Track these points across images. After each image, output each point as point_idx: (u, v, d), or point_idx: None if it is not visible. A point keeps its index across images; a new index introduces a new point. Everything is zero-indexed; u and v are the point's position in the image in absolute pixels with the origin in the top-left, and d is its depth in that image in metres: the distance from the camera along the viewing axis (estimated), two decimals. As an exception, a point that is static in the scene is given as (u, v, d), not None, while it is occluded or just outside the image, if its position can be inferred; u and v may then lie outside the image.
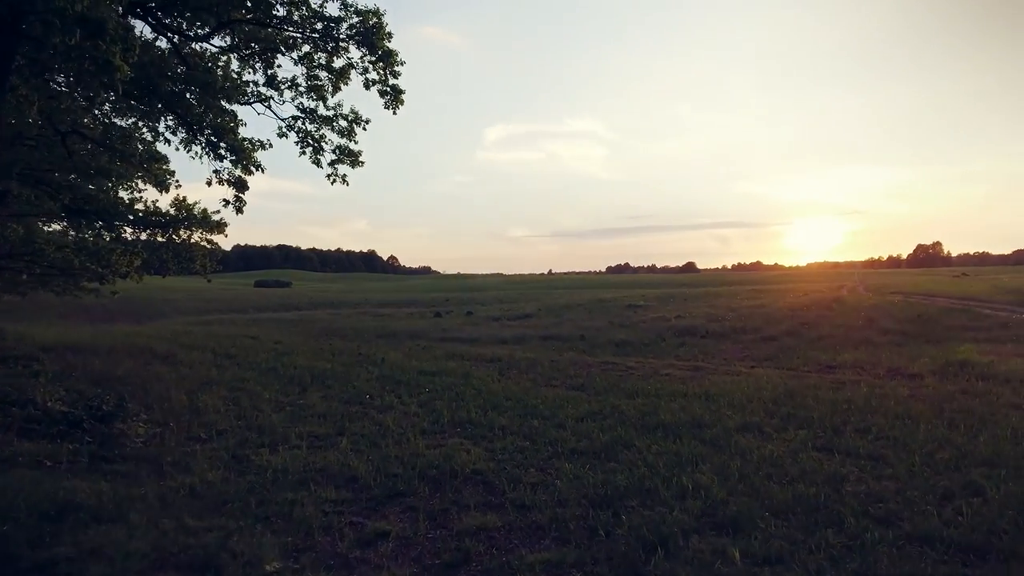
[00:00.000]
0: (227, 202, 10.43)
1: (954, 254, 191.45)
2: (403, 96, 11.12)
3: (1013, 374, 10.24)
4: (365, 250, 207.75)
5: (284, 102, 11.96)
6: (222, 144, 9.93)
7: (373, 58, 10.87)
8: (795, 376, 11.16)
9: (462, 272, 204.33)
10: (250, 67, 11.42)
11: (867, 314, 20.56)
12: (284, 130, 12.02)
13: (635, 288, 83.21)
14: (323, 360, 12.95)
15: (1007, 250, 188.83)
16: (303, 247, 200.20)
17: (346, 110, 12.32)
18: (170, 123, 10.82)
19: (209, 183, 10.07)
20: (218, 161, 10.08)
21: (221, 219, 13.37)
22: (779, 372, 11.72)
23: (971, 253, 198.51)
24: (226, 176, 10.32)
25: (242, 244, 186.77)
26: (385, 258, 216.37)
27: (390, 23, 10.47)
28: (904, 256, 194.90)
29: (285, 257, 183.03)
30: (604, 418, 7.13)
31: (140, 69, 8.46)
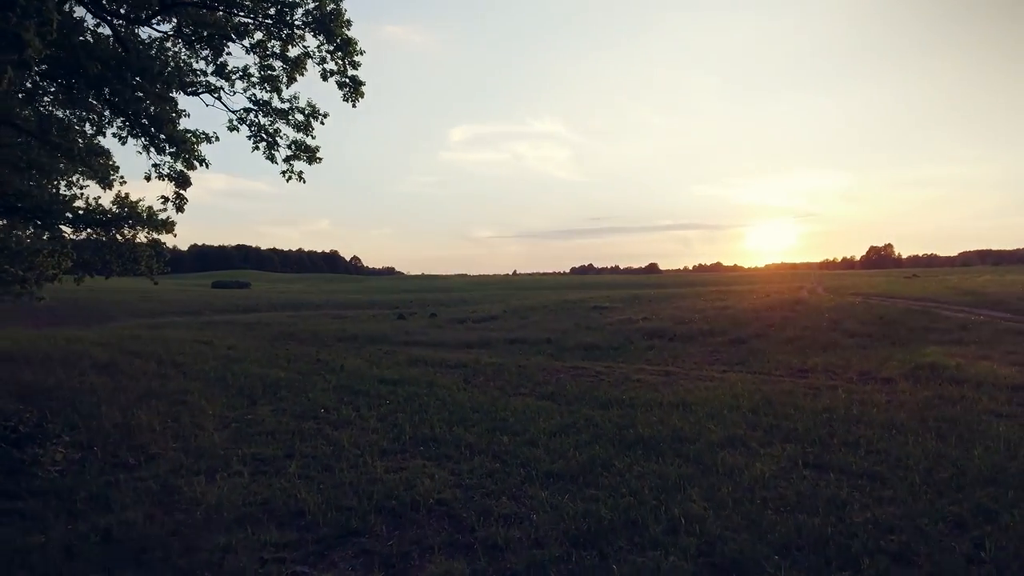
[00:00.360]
0: (166, 199, 9.59)
1: (904, 255, 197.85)
2: (363, 88, 10.43)
3: (983, 378, 10.10)
4: (327, 250, 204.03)
5: (235, 93, 11.18)
6: (161, 135, 9.09)
7: (331, 47, 10.17)
8: (769, 381, 10.84)
9: (426, 273, 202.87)
10: (198, 55, 10.62)
11: (831, 316, 20.57)
12: (235, 123, 11.24)
13: (600, 289, 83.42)
14: (278, 368, 12.16)
15: (953, 252, 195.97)
16: (263, 247, 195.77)
17: (303, 103, 11.57)
18: (107, 113, 9.97)
19: (148, 178, 9.24)
20: (157, 154, 9.23)
21: (168, 218, 12.49)
22: (752, 377, 11.40)
23: (920, 255, 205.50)
24: (166, 171, 9.47)
25: (199, 244, 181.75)
26: (348, 259, 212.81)
27: (353, 21, 9.76)
28: (857, 257, 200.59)
29: (244, 257, 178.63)
30: (578, 432, 6.62)
31: (69, 51, 7.64)
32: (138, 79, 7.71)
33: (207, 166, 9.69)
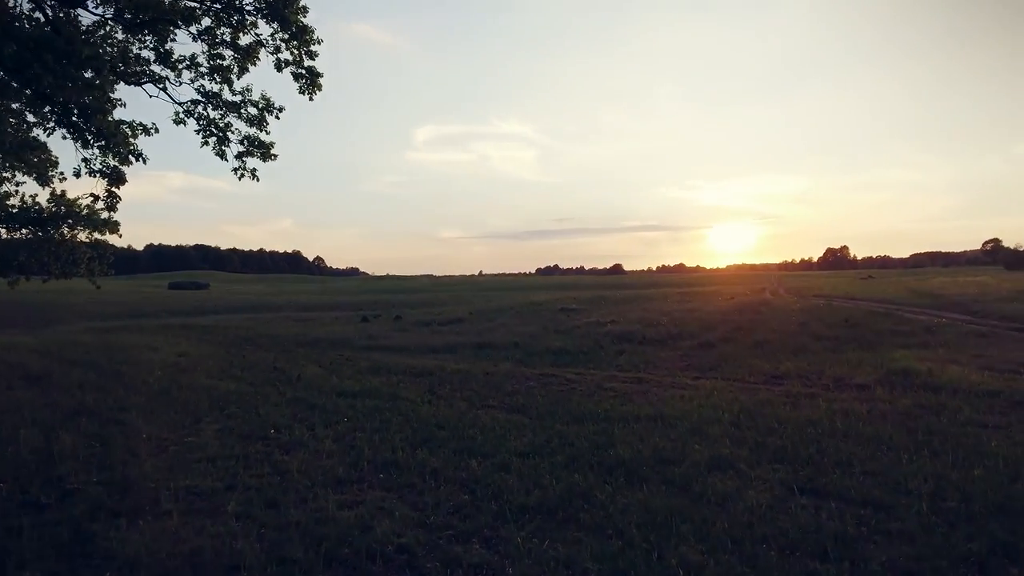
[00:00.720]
0: (96, 197, 8.75)
1: (859, 257, 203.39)
2: (320, 81, 9.73)
3: (958, 384, 9.93)
4: (290, 250, 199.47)
5: (182, 84, 10.37)
6: (91, 127, 8.26)
7: (285, 35, 9.45)
8: (744, 389, 10.50)
9: (392, 273, 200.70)
10: (140, 41, 9.78)
11: (797, 318, 20.52)
12: (182, 116, 10.42)
13: (566, 290, 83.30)
14: (230, 378, 11.35)
15: (905, 253, 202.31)
16: (223, 247, 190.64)
17: (256, 95, 10.81)
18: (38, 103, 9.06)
19: (77, 174, 8.39)
20: (84, 148, 8.39)
21: (110, 217, 11.59)
22: (727, 384, 11.05)
23: (874, 256, 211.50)
24: (98, 166, 8.63)
25: (155, 243, 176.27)
26: (311, 259, 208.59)
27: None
28: (815, 259, 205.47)
29: (203, 257, 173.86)
30: (553, 453, 6.08)
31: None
32: (64, 62, 6.90)
33: (144, 161, 8.87)
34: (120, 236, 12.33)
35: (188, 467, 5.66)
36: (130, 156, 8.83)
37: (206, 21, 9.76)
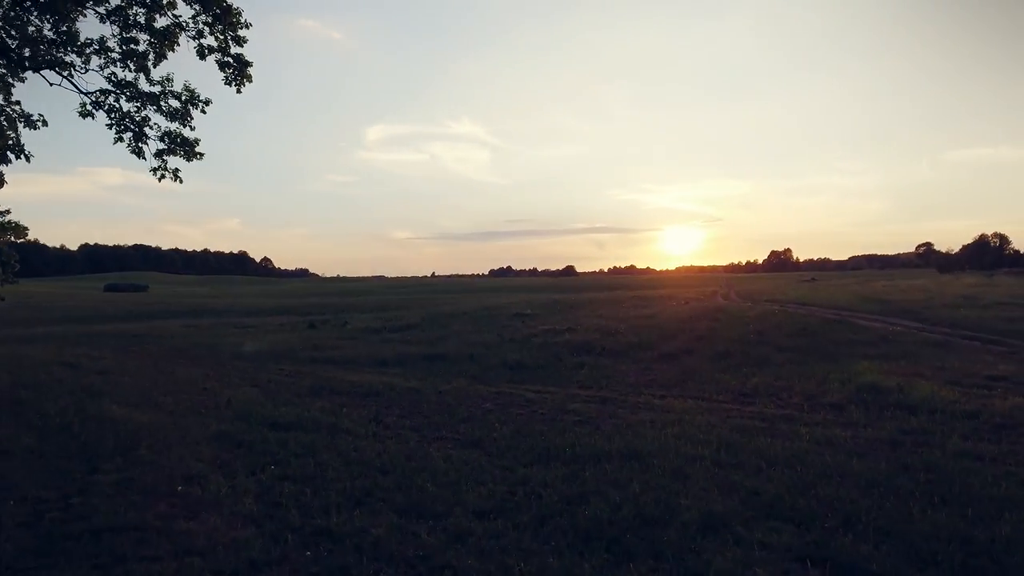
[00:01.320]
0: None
1: (801, 259, 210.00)
2: (250, 71, 8.57)
3: (931, 403, 9.49)
4: (235, 251, 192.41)
5: (89, 70, 9.06)
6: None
7: (208, 17, 8.27)
8: (715, 411, 9.83)
9: (342, 275, 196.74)
10: (39, 19, 8.45)
11: (755, 326, 20.20)
12: (89, 108, 9.10)
13: (519, 292, 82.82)
14: (148, 405, 10.00)
15: (844, 256, 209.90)
16: (164, 247, 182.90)
17: (178, 86, 9.55)
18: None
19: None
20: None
21: (9, 220, 10.11)
22: (695, 404, 10.36)
23: (815, 259, 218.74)
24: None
25: (91, 243, 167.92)
26: (258, 260, 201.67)
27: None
28: (760, 261, 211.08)
29: (143, 258, 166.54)
30: (518, 510, 5.15)
31: None
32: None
33: (28, 158, 7.54)
34: (25, 239, 10.77)
35: (58, 550, 4.43)
36: (8, 153, 7.46)
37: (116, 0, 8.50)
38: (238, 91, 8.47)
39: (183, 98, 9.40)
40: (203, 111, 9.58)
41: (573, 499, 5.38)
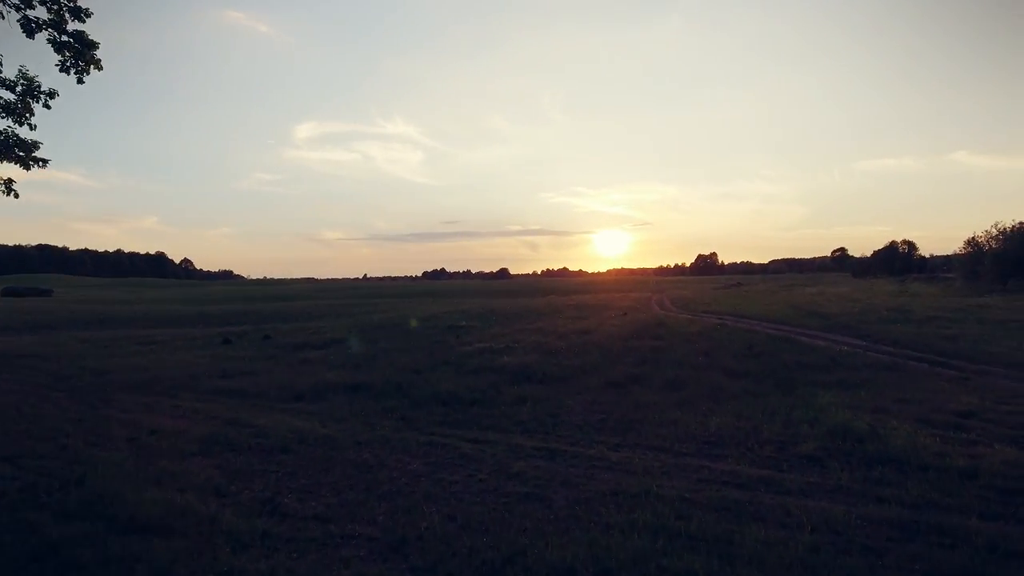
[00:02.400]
0: None
1: (726, 262, 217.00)
2: (96, 54, 6.51)
3: (917, 456, 8.46)
4: (152, 251, 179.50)
5: None
6: None
7: (34, -17, 6.17)
8: (681, 468, 8.45)
9: (269, 276, 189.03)
10: None
11: (700, 345, 19.26)
12: None
13: (452, 298, 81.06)
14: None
15: (765, 259, 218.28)
16: (72, 247, 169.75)
17: (11, 72, 7.37)
18: None
19: None
20: None
21: None
22: (657, 460, 8.96)
23: (738, 262, 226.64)
24: None
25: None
26: (177, 261, 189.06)
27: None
28: (688, 264, 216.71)
29: (47, 259, 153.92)
30: None
31: None
32: None
33: None
34: None
35: None
36: None
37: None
38: (79, 81, 6.39)
39: (18, 88, 7.20)
40: (47, 105, 7.40)
41: None
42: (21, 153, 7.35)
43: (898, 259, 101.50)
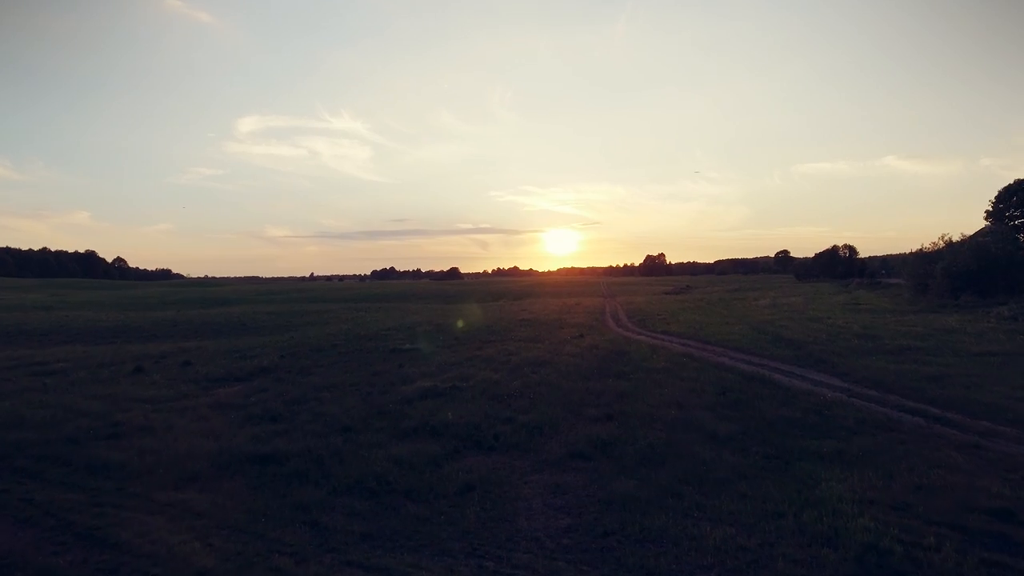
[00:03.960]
0: None
1: (673, 262, 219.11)
2: None
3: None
4: (82, 250, 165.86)
5: None
6: None
7: None
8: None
9: (212, 275, 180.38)
10: None
11: (669, 391, 17.11)
12: None
13: (400, 302, 77.79)
14: None
15: (711, 259, 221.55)
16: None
17: None
18: None
19: None
20: None
21: None
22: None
23: (685, 262, 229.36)
24: None
25: None
26: (110, 260, 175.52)
27: None
28: (637, 263, 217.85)
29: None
30: None
31: None
32: None
33: None
34: None
35: None
36: None
37: None
38: None
39: None
40: None
41: None
42: None
43: (839, 263, 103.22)
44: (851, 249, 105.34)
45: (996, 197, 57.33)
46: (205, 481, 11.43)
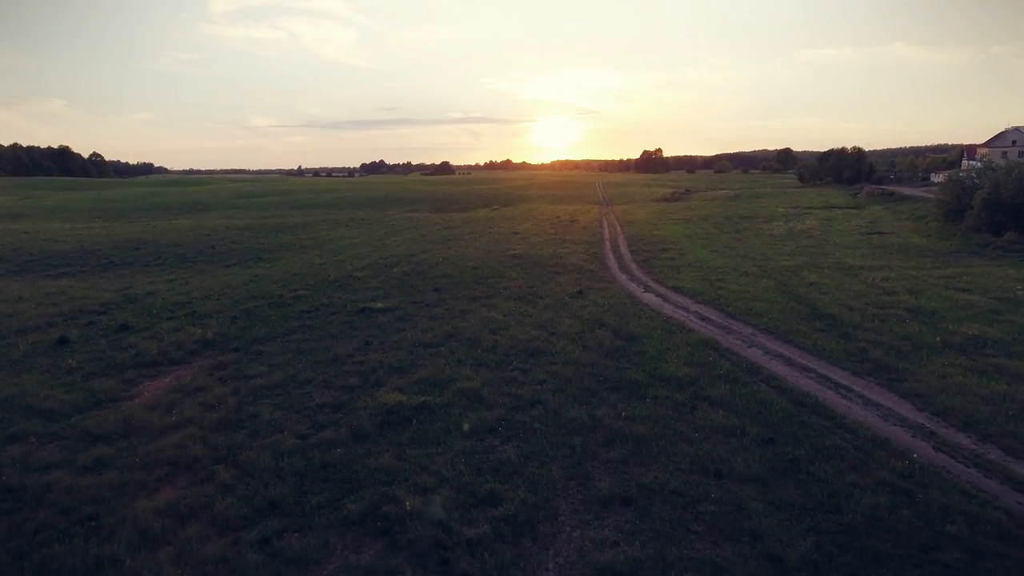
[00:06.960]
0: None
1: (669, 156, 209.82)
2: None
3: None
4: (56, 145, 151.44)
5: None
6: None
7: None
8: None
9: (195, 168, 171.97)
10: None
11: (701, 429, 13.10)
12: None
13: (385, 208, 72.89)
14: None
15: (709, 152, 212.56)
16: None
17: None
18: None
19: None
20: None
21: None
22: None
23: (681, 155, 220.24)
24: None
25: None
26: (86, 155, 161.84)
27: None
28: (633, 159, 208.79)
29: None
30: None
31: None
32: None
33: None
34: None
35: None
36: None
37: None
38: None
39: None
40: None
41: None
42: None
43: (847, 165, 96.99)
44: (859, 151, 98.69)
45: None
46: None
